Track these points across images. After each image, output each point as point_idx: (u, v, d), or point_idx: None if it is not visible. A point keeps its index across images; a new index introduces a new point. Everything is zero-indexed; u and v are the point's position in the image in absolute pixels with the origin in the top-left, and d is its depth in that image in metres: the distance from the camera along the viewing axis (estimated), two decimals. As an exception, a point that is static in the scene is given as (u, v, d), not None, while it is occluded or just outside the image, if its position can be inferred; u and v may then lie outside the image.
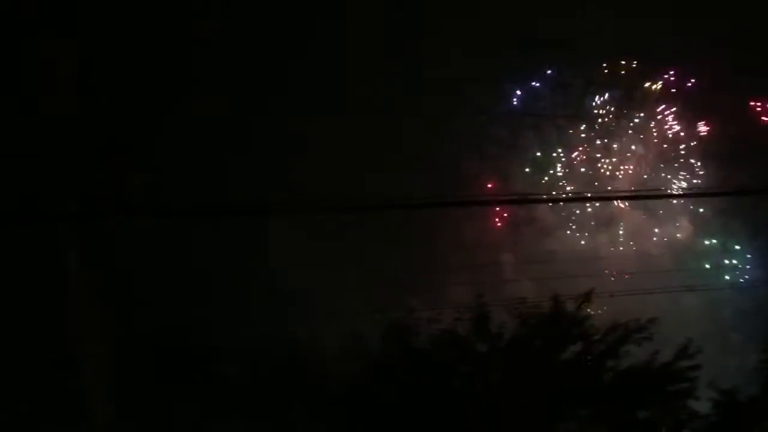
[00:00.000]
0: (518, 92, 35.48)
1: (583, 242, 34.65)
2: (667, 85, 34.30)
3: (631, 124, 35.04)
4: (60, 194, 11.15)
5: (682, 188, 33.05)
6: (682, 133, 34.03)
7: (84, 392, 11.17)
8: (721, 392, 17.01)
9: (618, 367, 16.56)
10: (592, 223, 34.93)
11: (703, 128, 33.42)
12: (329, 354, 15.38)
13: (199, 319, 15.40)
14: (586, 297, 17.25)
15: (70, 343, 11.56)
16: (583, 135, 35.35)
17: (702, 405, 17.18)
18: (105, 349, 11.21)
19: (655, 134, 34.62)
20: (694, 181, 33.35)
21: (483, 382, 16.55)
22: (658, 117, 34.50)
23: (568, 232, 35.33)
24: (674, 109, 34.12)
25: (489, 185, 34.31)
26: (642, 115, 34.73)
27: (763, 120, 31.13)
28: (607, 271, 31.03)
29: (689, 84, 33.73)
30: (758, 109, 31.39)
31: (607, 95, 34.79)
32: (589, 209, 35.26)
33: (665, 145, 34.33)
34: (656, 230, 34.33)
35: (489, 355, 16.49)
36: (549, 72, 35.03)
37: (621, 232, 34.62)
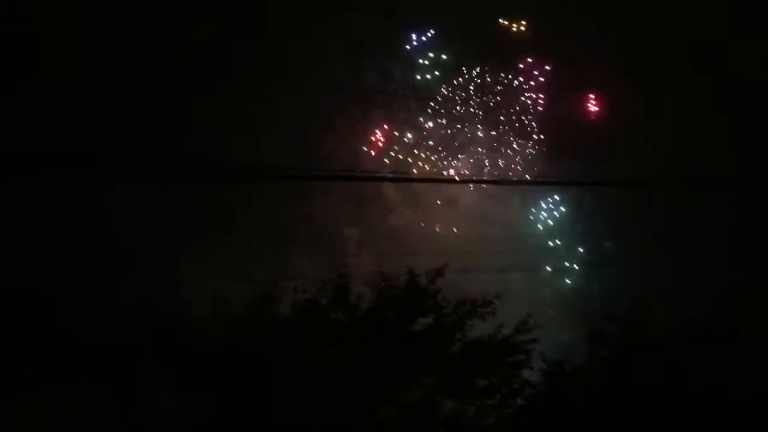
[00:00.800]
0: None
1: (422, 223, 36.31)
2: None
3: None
4: None
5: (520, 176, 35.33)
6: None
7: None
8: (549, 363, 18.73)
9: (464, 339, 17.73)
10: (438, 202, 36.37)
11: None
12: (188, 319, 15.27)
13: (59, 283, 14.74)
14: (438, 272, 18.28)
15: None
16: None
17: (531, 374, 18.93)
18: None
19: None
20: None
21: (338, 350, 17.13)
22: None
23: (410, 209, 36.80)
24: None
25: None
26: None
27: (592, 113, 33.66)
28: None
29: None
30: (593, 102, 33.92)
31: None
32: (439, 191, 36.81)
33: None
34: (492, 213, 36.63)
35: (346, 324, 17.08)
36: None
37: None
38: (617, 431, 17.35)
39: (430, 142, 36.46)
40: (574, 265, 33.60)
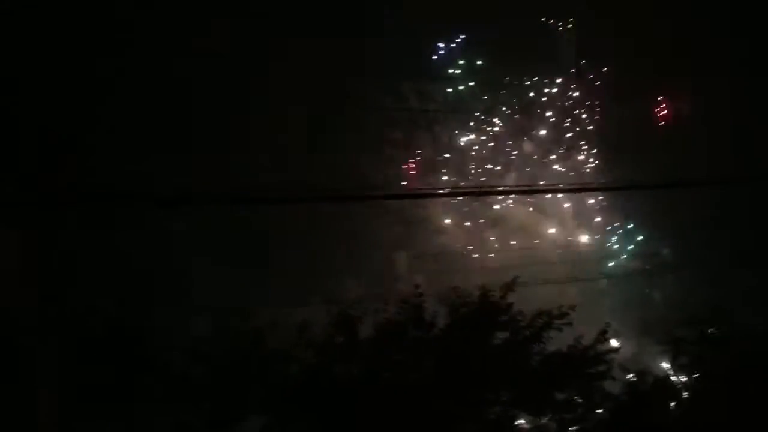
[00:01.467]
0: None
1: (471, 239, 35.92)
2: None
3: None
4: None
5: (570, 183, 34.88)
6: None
7: (24, 382, 10.52)
8: (630, 373, 18.36)
9: (542, 352, 17.42)
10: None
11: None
12: (275, 340, 15.31)
13: (142, 311, 14.90)
14: (509, 286, 18.01)
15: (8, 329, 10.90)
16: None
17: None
18: (47, 339, 10.62)
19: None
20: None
21: (415, 370, 16.94)
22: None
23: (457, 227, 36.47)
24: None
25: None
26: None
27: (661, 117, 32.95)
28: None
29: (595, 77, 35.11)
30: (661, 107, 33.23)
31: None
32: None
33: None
34: (541, 226, 36.21)
35: (422, 342, 16.90)
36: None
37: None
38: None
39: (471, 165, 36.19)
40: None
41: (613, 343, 18.63)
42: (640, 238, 33.35)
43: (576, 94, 35.61)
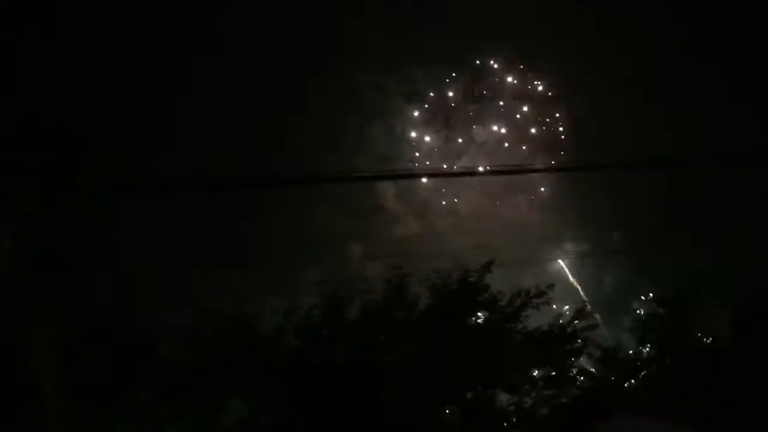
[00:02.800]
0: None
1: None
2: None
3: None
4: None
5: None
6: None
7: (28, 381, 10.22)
8: (604, 350, 18.83)
9: (522, 331, 17.67)
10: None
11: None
12: (261, 327, 15.11)
13: (132, 300, 14.54)
14: (487, 267, 18.19)
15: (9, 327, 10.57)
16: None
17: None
18: (44, 334, 10.33)
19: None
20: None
21: (398, 351, 16.98)
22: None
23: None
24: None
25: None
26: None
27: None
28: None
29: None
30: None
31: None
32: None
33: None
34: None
35: (405, 323, 16.94)
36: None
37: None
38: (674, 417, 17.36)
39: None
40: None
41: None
42: (594, 219, 34.03)
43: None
